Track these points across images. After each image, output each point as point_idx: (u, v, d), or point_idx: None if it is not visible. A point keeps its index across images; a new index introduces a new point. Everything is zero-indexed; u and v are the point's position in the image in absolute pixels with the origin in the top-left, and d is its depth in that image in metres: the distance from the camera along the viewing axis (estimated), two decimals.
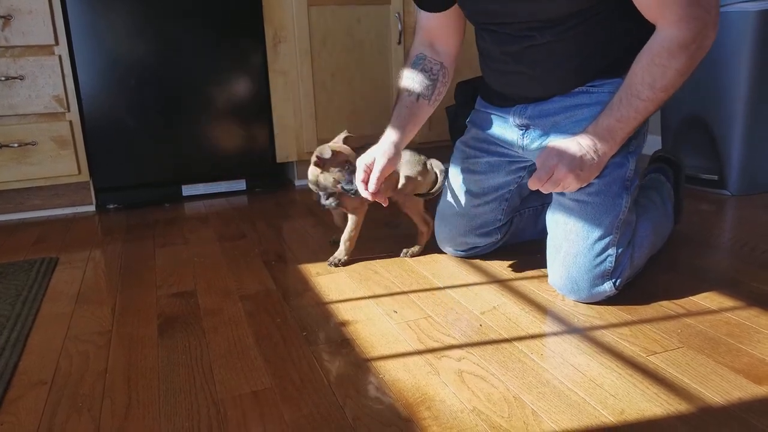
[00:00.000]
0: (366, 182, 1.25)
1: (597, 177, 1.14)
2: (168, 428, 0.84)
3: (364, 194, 1.26)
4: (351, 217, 1.44)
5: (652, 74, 1.05)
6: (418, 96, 1.31)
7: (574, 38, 1.14)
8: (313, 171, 1.38)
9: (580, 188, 1.15)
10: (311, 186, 1.42)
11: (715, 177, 1.94)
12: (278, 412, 0.86)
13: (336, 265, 1.43)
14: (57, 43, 1.86)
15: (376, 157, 1.25)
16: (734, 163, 1.89)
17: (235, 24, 2.06)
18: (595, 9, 1.10)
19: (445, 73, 1.35)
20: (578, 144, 1.10)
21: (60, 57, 1.88)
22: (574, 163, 1.09)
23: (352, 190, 1.32)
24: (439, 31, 1.33)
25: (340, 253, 1.45)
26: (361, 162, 1.27)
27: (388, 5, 2.20)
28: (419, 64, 1.33)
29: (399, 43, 2.24)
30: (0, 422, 0.87)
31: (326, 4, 2.13)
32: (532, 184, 1.12)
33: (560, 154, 1.09)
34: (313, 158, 1.35)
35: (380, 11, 2.20)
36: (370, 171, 1.25)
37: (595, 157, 1.10)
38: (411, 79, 1.33)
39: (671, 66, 1.04)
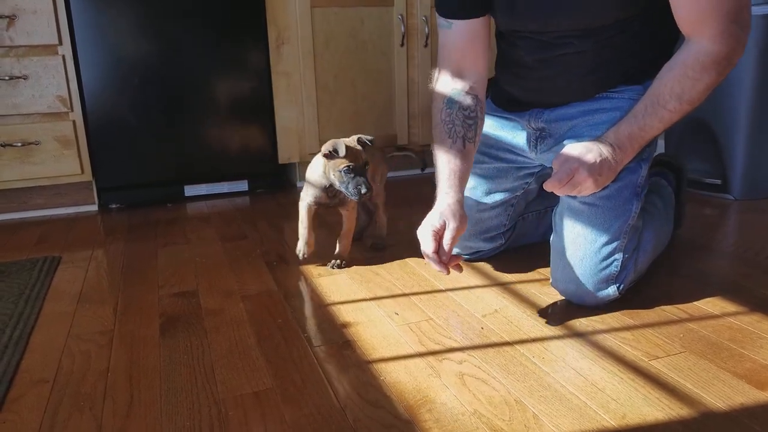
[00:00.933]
0: (437, 252, 1.09)
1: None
2: (169, 428, 0.84)
3: (436, 267, 1.08)
4: (347, 216, 1.44)
5: (682, 86, 1.06)
6: (464, 142, 1.20)
7: (610, 48, 1.15)
8: (318, 163, 1.37)
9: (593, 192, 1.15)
10: (310, 180, 1.39)
11: (719, 181, 1.93)
12: (279, 413, 0.86)
13: (339, 267, 1.43)
14: (61, 43, 1.87)
15: (446, 219, 1.10)
16: (737, 167, 1.89)
17: (238, 25, 2.06)
18: (636, 19, 1.11)
19: (481, 108, 1.24)
20: (599, 148, 1.10)
21: (63, 57, 1.88)
22: (594, 168, 1.08)
23: (356, 196, 1.29)
24: (468, 50, 1.23)
25: (340, 254, 1.45)
26: (428, 227, 1.10)
27: (391, 7, 2.20)
28: (454, 107, 1.21)
29: (402, 44, 2.24)
30: (2, 420, 0.87)
31: (329, 6, 2.13)
32: (550, 186, 1.10)
33: (581, 158, 1.09)
34: (325, 149, 1.31)
35: (383, 13, 2.20)
36: (440, 236, 1.09)
37: (613, 163, 1.10)
38: (450, 120, 1.21)
39: (702, 79, 1.05)
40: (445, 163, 1.19)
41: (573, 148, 1.11)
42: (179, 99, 2.05)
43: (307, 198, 1.42)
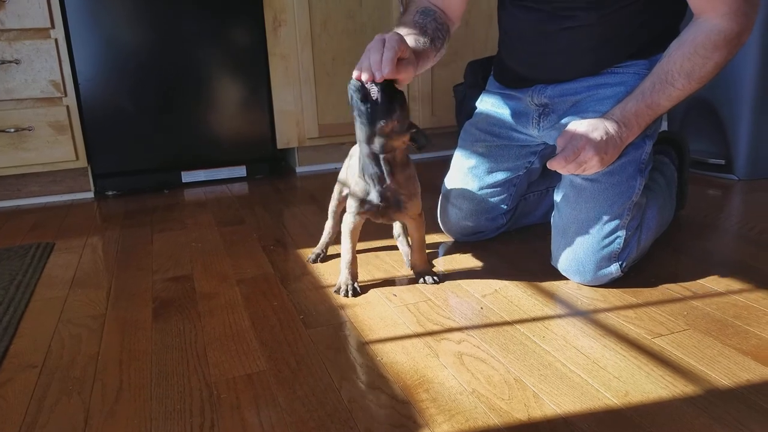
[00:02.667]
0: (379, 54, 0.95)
1: None
2: (159, 411, 0.82)
3: (377, 73, 0.94)
4: (413, 226, 1.18)
5: (692, 63, 1.04)
6: (431, 40, 1.13)
7: (614, 22, 1.12)
8: (356, 152, 1.18)
9: None
10: (349, 181, 1.21)
11: (722, 161, 1.90)
12: (272, 395, 0.84)
13: (436, 282, 1.18)
14: (53, 26, 1.84)
15: (393, 34, 0.98)
16: (741, 147, 1.85)
17: (234, 7, 2.03)
18: None
19: (448, 37, 1.22)
20: (604, 126, 1.07)
21: (56, 40, 1.85)
22: (600, 146, 1.06)
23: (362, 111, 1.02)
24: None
25: (422, 270, 1.20)
26: (378, 37, 0.98)
27: None
28: (430, 14, 1.19)
29: None
30: None
31: None
32: (555, 164, 1.07)
33: (587, 136, 1.06)
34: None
35: None
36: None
37: (619, 141, 1.08)
38: (423, 23, 1.16)
39: (713, 58, 1.03)
40: (412, 39, 1.09)
41: (578, 126, 1.08)
42: (175, 83, 2.02)
43: (350, 213, 1.15)
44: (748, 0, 1.00)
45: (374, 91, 1.00)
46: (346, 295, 1.15)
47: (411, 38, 1.11)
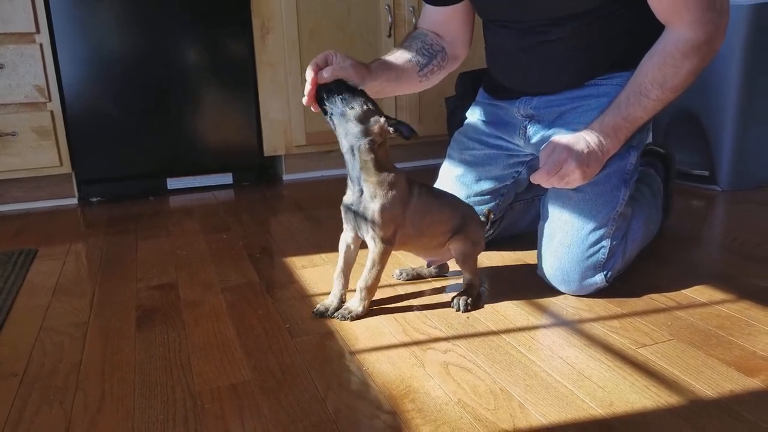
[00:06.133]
0: (314, 75, 1.03)
1: None
2: (141, 421, 0.81)
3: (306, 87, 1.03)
4: (372, 255, 1.07)
5: (663, 73, 1.05)
6: (413, 57, 1.20)
7: (589, 34, 1.14)
8: None
9: None
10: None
11: (706, 173, 1.92)
12: (257, 405, 0.84)
13: (345, 318, 1.08)
14: (38, 31, 1.82)
15: (339, 55, 1.06)
16: (725, 158, 1.88)
17: (221, 14, 2.02)
18: (611, 6, 1.10)
19: (444, 57, 1.27)
20: (585, 140, 1.09)
21: (41, 45, 1.83)
22: (582, 159, 1.08)
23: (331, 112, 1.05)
24: (446, 26, 1.27)
25: (355, 304, 1.09)
26: (320, 55, 1.05)
27: None
28: (419, 37, 1.25)
29: (389, 35, 2.21)
30: None
31: None
32: (538, 178, 1.10)
33: (569, 149, 1.08)
34: None
35: (370, 3, 2.17)
36: (325, 65, 1.04)
37: (600, 154, 1.10)
38: (408, 44, 1.24)
39: (684, 66, 1.04)
40: (381, 57, 1.19)
41: (560, 139, 1.10)
42: (162, 89, 2.01)
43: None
44: (713, 8, 1.01)
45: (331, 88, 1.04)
46: (315, 315, 1.09)
47: (385, 56, 1.20)
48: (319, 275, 1.30)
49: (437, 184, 1.38)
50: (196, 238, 1.59)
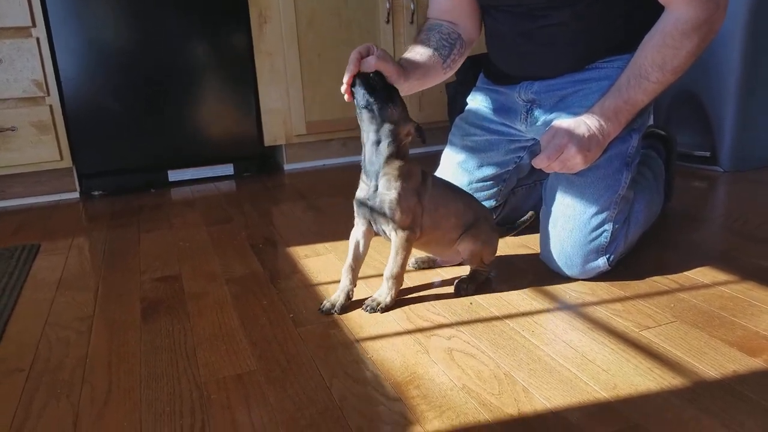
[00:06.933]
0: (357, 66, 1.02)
1: None
2: (149, 413, 0.81)
3: (346, 77, 1.02)
4: (396, 244, 1.06)
5: (663, 55, 1.04)
6: (433, 51, 1.21)
7: (588, 17, 1.13)
8: None
9: None
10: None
11: (708, 153, 1.91)
12: (263, 394, 0.84)
13: (373, 311, 1.07)
14: (34, 25, 1.82)
15: (378, 47, 1.06)
16: (726, 139, 1.87)
17: (219, 3, 2.01)
18: None
19: (462, 44, 1.27)
20: (586, 124, 1.08)
21: (38, 39, 1.83)
22: (583, 143, 1.07)
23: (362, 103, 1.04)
24: (456, 12, 1.27)
25: (383, 294, 1.08)
26: (359, 47, 1.04)
27: None
28: (434, 30, 1.25)
29: (387, 22, 2.20)
30: None
31: None
32: (539, 162, 1.09)
33: (570, 133, 1.07)
34: None
35: None
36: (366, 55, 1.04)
37: (601, 138, 1.09)
38: (426, 37, 1.23)
39: (683, 47, 1.03)
40: (406, 56, 1.18)
41: (561, 123, 1.10)
42: (161, 81, 2.00)
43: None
44: None
45: (373, 83, 1.03)
46: (321, 312, 1.07)
47: (409, 54, 1.19)
48: (322, 264, 1.31)
49: (439, 171, 1.38)
50: (198, 230, 1.59)
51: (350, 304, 1.09)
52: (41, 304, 1.18)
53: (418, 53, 1.20)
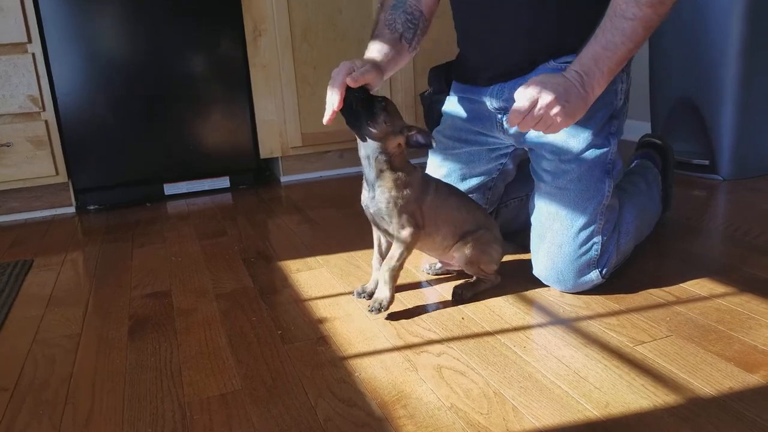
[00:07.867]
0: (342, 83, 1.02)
1: (576, 160, 1.10)
2: None
3: (332, 101, 1.03)
4: (398, 242, 1.08)
5: None
6: (401, 38, 1.20)
7: (549, 3, 1.11)
8: None
9: (560, 175, 1.11)
10: None
11: (706, 162, 1.89)
12: (246, 415, 0.82)
13: (378, 311, 1.08)
14: (30, 40, 1.82)
15: (361, 62, 1.06)
16: (725, 147, 1.85)
17: (213, 17, 2.01)
18: None
19: (425, 23, 1.24)
20: (562, 75, 1.02)
21: (33, 55, 1.83)
22: (559, 91, 0.98)
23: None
24: None
25: (381, 292, 1.08)
26: (344, 64, 1.04)
27: None
28: (398, 10, 1.22)
29: None
30: None
31: None
32: (513, 118, 1.01)
33: (543, 83, 1.00)
34: None
35: (362, 0, 2.15)
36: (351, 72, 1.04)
37: (582, 91, 1.01)
38: (392, 18, 1.21)
39: None
40: (376, 44, 1.17)
41: (534, 77, 1.02)
42: (155, 95, 2.00)
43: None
44: None
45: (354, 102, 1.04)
46: (355, 296, 1.18)
47: (377, 45, 1.16)
48: (313, 278, 1.29)
49: None
50: (191, 244, 1.58)
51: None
52: (30, 322, 1.17)
53: (388, 39, 1.18)
